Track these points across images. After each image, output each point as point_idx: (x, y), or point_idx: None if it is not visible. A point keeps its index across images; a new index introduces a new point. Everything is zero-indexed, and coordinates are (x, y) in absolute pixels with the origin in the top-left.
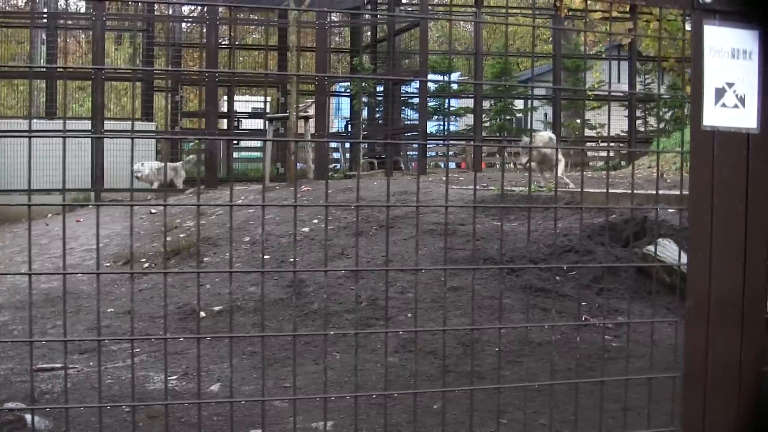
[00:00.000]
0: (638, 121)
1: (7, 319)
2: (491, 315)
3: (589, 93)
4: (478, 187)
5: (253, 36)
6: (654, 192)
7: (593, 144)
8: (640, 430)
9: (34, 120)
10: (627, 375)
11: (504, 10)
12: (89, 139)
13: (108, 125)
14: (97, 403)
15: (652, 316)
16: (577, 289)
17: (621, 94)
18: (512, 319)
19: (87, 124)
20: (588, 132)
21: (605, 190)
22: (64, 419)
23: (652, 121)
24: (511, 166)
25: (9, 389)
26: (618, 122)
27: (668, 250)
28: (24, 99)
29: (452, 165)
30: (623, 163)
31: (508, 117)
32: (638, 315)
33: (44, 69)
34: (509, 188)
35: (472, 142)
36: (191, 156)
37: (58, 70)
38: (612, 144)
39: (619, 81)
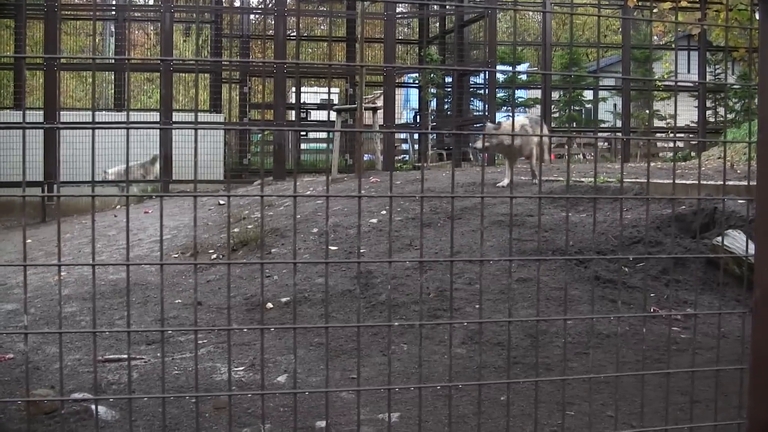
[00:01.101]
0: (708, 112)
1: (75, 310)
2: (558, 306)
3: (658, 84)
4: (546, 179)
5: (321, 27)
6: (723, 183)
7: (662, 135)
8: (707, 422)
9: (103, 112)
10: (694, 367)
11: (572, 0)
12: (158, 131)
13: (176, 117)
14: (162, 393)
15: (721, 308)
16: (645, 280)
17: (690, 85)
18: (580, 310)
19: (155, 116)
20: (657, 123)
21: (673, 181)
22: (134, 409)
23: (721, 111)
24: (581, 157)
25: (76, 380)
26: (687, 113)
27: (737, 241)
28: (92, 90)
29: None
30: (692, 153)
31: (576, 108)
32: (707, 307)
33: (113, 61)
34: (577, 179)
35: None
36: (155, 154)
37: (126, 61)
38: (681, 135)
39: (688, 71)
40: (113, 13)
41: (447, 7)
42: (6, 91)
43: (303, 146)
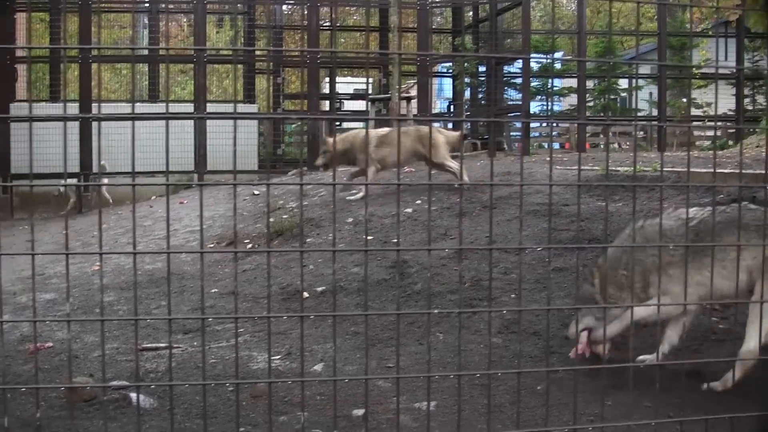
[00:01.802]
0: (746, 100)
1: (112, 300)
2: None
3: (695, 71)
4: (582, 168)
5: (354, 18)
6: (763, 171)
7: (700, 123)
8: (745, 413)
9: (138, 104)
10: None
11: None
12: (192, 122)
13: (210, 108)
14: (203, 380)
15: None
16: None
17: (728, 72)
18: None
19: (189, 107)
20: (694, 111)
21: (712, 170)
22: (169, 398)
23: (760, 99)
24: (616, 146)
25: (114, 368)
26: (725, 101)
27: None
28: (126, 83)
29: (556, 146)
30: (730, 142)
31: (612, 96)
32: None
33: (147, 51)
34: (614, 168)
35: (576, 121)
36: (103, 163)
37: (161, 52)
38: (719, 123)
39: (726, 59)
40: (147, 5)
41: None
42: (42, 83)
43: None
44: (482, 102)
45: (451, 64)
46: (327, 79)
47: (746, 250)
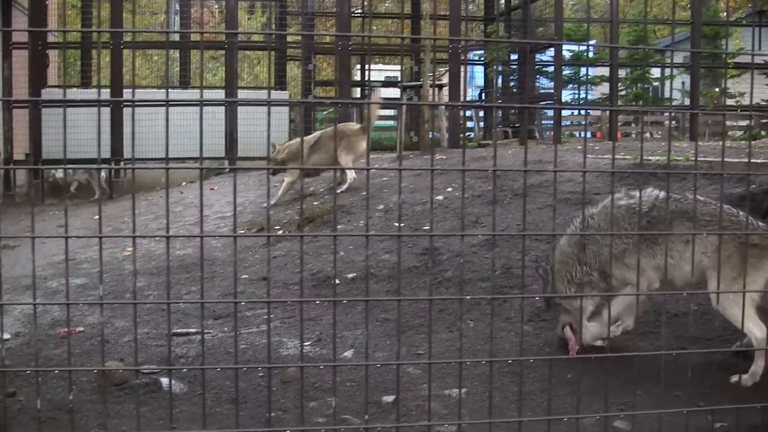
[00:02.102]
0: None
1: (143, 285)
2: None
3: (729, 61)
4: (611, 157)
5: (386, 5)
6: None
7: (734, 112)
8: None
9: (169, 90)
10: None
11: None
12: (222, 109)
13: (241, 94)
14: (235, 364)
15: None
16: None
17: (762, 62)
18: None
19: (220, 94)
20: (727, 101)
21: (745, 160)
22: (199, 382)
23: None
24: (648, 135)
25: (145, 353)
26: (758, 90)
27: None
28: (158, 69)
29: (588, 134)
30: (763, 132)
31: (644, 86)
32: None
33: (178, 37)
34: (645, 158)
35: (609, 108)
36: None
37: (193, 38)
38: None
39: (760, 48)
40: None
41: None
42: (73, 69)
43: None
44: (514, 90)
45: (483, 52)
46: (358, 67)
47: (697, 245)
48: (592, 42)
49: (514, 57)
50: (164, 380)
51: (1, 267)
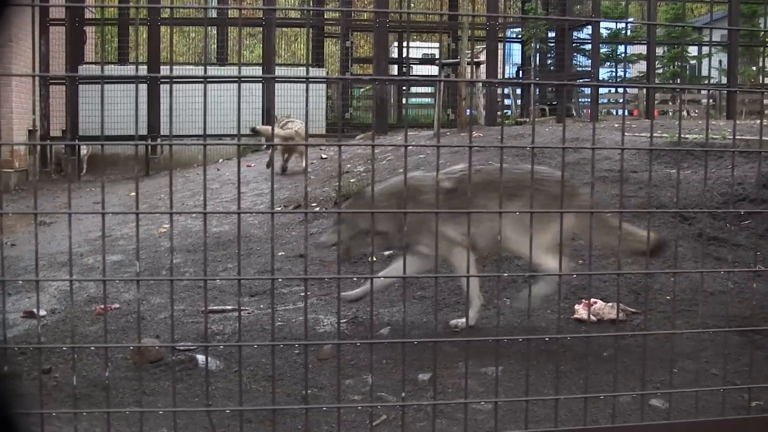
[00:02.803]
0: None
1: (179, 262)
2: (662, 263)
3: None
4: (650, 134)
5: None
6: None
7: None
8: None
9: (206, 66)
10: None
11: None
12: (259, 86)
13: (278, 71)
14: (269, 342)
15: None
16: (751, 238)
17: None
18: (684, 267)
19: (257, 71)
20: (766, 80)
21: None
22: (235, 360)
23: None
24: (685, 113)
25: (180, 330)
26: None
27: None
28: (195, 46)
29: (625, 112)
30: None
31: (682, 64)
32: None
33: (216, 14)
34: (682, 136)
35: (647, 86)
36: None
37: (231, 15)
38: None
39: None
40: None
41: None
42: (110, 46)
43: (404, 101)
44: (551, 68)
45: (520, 29)
46: (396, 44)
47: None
48: (629, 20)
49: (551, 35)
50: (200, 357)
51: (38, 243)
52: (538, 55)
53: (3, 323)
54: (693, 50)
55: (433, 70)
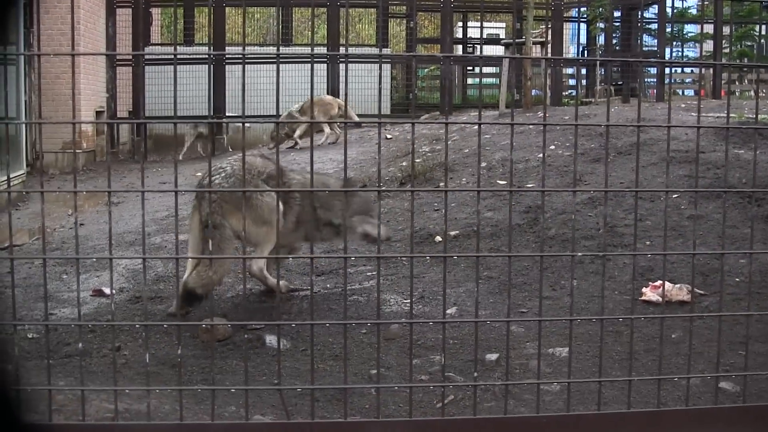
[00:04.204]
0: None
1: None
2: (731, 245)
3: None
4: (717, 115)
5: None
6: None
7: None
8: None
9: (270, 47)
10: None
11: None
12: (324, 66)
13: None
14: (340, 321)
15: None
16: None
17: None
18: (755, 249)
19: (323, 51)
20: None
21: None
22: (302, 339)
23: None
24: (751, 93)
25: (248, 309)
26: None
27: None
28: (259, 27)
29: (689, 93)
30: None
31: (749, 43)
32: None
33: None
34: (751, 116)
35: (716, 63)
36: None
37: None
38: None
39: None
40: None
41: None
42: (177, 27)
43: (470, 81)
44: (617, 47)
45: (585, 9)
46: (460, 24)
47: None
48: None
49: (617, 14)
50: (268, 337)
51: (110, 222)
52: (603, 35)
53: (78, 301)
54: (762, 29)
55: (498, 50)
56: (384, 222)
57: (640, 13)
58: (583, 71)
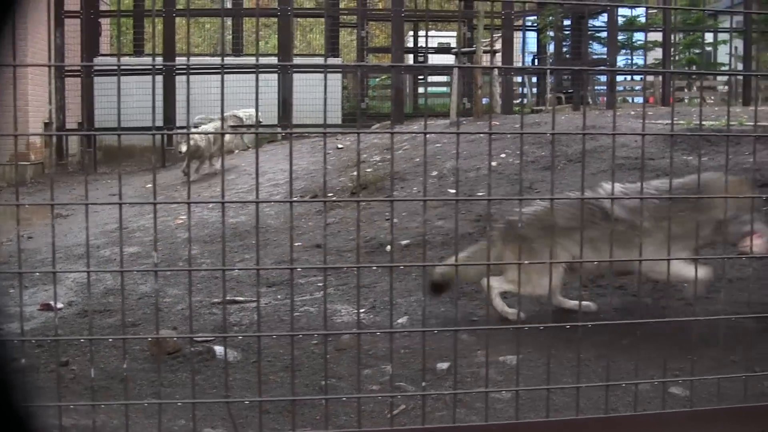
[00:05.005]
0: None
1: (196, 253)
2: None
3: None
4: (666, 122)
5: None
6: None
7: None
8: None
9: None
10: None
11: None
12: (275, 76)
13: (294, 61)
14: (288, 332)
15: None
16: None
17: None
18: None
19: (273, 61)
20: None
21: None
22: (253, 350)
23: None
24: (700, 101)
25: (197, 321)
26: None
27: None
28: (210, 37)
29: (639, 100)
30: None
31: (697, 51)
32: None
33: (230, 4)
34: (698, 123)
35: (665, 72)
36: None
37: (247, 6)
38: None
39: None
40: None
41: None
42: (125, 38)
43: (420, 90)
44: (567, 56)
45: (536, 17)
46: (411, 33)
47: None
48: (646, 5)
49: (567, 23)
50: (217, 348)
51: (55, 235)
52: (553, 42)
53: (21, 316)
54: (709, 37)
55: (448, 59)
56: (335, 232)
57: (590, 21)
58: (534, 80)
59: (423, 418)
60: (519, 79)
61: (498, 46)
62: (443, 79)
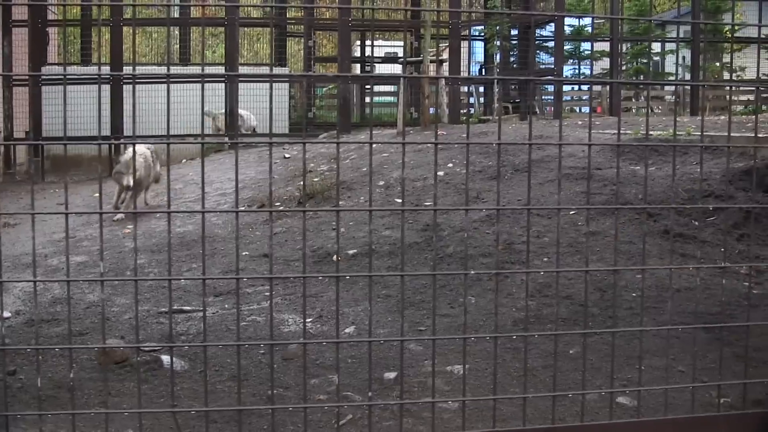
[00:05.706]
0: None
1: (143, 262)
2: (628, 260)
3: (729, 34)
4: (613, 132)
5: None
6: None
7: (741, 85)
8: None
9: (172, 66)
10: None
11: None
12: (222, 85)
13: (241, 71)
14: (234, 342)
15: None
16: (716, 234)
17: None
18: (650, 264)
19: (220, 70)
20: (727, 75)
21: (746, 134)
22: (200, 360)
23: None
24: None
25: (145, 331)
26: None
27: None
28: (157, 47)
29: (587, 110)
30: (764, 107)
31: (644, 60)
32: None
33: (178, 14)
34: (646, 133)
35: (612, 81)
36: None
37: (194, 15)
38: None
39: (759, 21)
40: None
41: None
42: (73, 47)
43: (367, 99)
44: (514, 65)
45: (483, 27)
46: (358, 43)
47: None
48: (593, 15)
49: (514, 32)
50: (165, 358)
51: (1, 245)
52: (500, 52)
53: None
54: (656, 47)
55: (396, 68)
56: (282, 242)
57: (537, 31)
58: (481, 89)
59: (370, 428)
60: (466, 88)
61: (445, 55)
62: (390, 88)
